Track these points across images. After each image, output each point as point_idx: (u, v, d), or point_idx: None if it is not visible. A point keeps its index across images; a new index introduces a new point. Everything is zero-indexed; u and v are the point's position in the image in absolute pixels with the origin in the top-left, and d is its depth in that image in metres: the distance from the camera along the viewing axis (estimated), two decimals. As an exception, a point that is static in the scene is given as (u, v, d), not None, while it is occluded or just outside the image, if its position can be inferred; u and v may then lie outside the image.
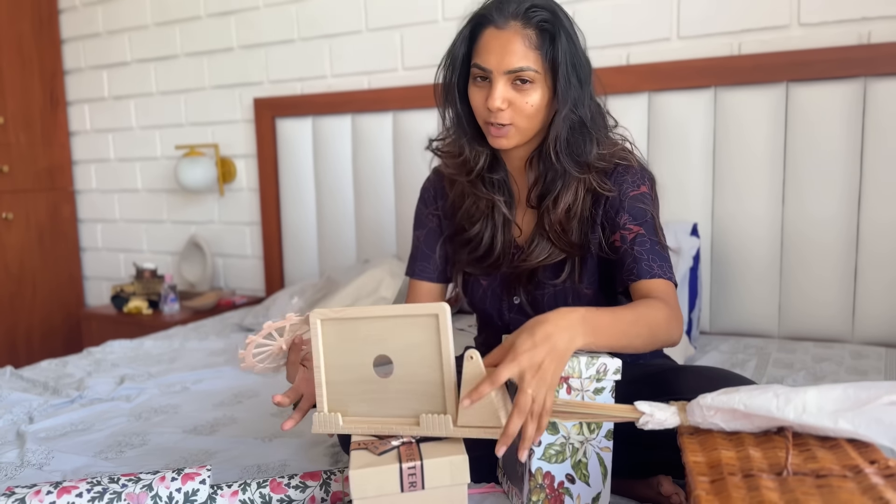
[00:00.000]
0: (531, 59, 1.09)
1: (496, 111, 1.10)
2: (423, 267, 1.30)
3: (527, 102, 1.10)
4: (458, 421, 0.92)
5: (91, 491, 1.00)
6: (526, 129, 1.13)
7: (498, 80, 1.09)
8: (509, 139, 1.13)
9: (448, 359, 0.92)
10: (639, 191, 1.15)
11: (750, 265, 1.92)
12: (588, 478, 0.95)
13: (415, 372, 0.94)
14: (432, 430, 0.93)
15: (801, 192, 1.85)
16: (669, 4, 1.97)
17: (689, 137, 1.94)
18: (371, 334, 0.95)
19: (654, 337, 1.01)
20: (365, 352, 0.96)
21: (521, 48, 1.08)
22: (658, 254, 1.11)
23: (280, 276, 2.66)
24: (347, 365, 0.97)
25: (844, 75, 1.77)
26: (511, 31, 1.09)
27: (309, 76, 2.54)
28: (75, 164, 3.16)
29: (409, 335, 0.93)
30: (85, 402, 1.58)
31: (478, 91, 1.13)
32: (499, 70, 1.09)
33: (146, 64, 2.88)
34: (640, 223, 1.13)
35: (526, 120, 1.11)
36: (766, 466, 0.77)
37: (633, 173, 1.16)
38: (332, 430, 0.98)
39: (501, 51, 1.09)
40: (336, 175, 2.49)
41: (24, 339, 2.93)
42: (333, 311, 0.95)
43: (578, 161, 1.13)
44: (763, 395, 0.84)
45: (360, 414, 0.98)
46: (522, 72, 1.08)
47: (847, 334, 1.86)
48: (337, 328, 0.96)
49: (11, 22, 2.86)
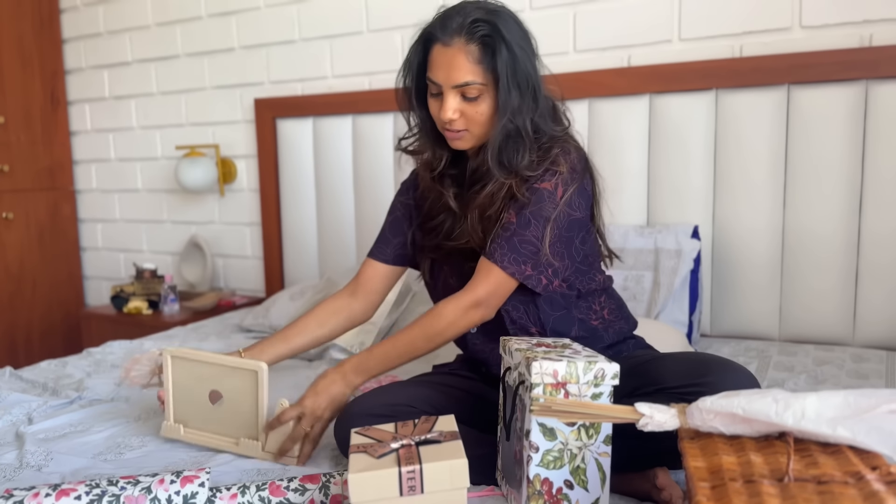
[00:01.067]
0: (476, 73, 1.16)
1: (449, 121, 1.19)
2: (380, 249, 1.42)
3: (477, 112, 1.19)
4: (265, 447, 1.23)
5: (90, 493, 1.00)
6: (480, 134, 1.22)
7: (448, 93, 1.18)
8: (465, 142, 1.23)
9: (262, 402, 1.23)
10: (540, 185, 1.20)
11: (751, 268, 1.92)
12: (587, 483, 0.95)
13: (237, 408, 1.25)
14: (246, 451, 1.24)
15: (802, 194, 1.84)
16: (671, 6, 1.97)
17: (690, 140, 1.93)
18: (208, 374, 1.26)
19: (434, 342, 1.22)
20: (202, 385, 1.27)
21: (466, 63, 1.16)
22: (513, 246, 1.19)
23: (280, 277, 2.66)
24: (190, 391, 1.28)
25: (846, 78, 1.77)
26: (455, 47, 1.16)
27: (310, 77, 2.54)
28: (76, 163, 3.16)
29: (235, 380, 1.24)
30: (84, 404, 1.57)
31: (434, 102, 1.22)
32: (447, 84, 1.17)
33: (147, 64, 2.87)
34: (517, 212, 1.20)
35: (478, 126, 1.20)
36: (767, 472, 0.77)
37: (549, 170, 1.21)
38: (175, 436, 1.29)
39: (448, 66, 1.16)
40: (336, 176, 2.49)
41: (24, 338, 2.92)
42: (181, 352, 1.27)
43: (507, 167, 1.20)
44: (762, 400, 0.84)
45: (197, 428, 1.29)
46: (468, 86, 1.16)
47: (848, 337, 1.85)
48: (183, 364, 1.28)
49: (13, 21, 2.86)
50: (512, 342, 1.08)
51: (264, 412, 1.23)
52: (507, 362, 1.09)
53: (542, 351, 1.00)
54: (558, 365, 0.93)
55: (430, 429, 0.98)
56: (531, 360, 0.94)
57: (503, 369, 1.11)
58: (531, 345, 1.05)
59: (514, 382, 1.03)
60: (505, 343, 1.11)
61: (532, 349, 1.01)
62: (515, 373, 1.02)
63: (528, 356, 0.96)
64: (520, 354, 1.00)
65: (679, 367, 1.11)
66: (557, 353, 0.99)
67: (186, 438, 1.29)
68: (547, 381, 0.93)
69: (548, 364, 0.93)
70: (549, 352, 1.00)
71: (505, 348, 1.10)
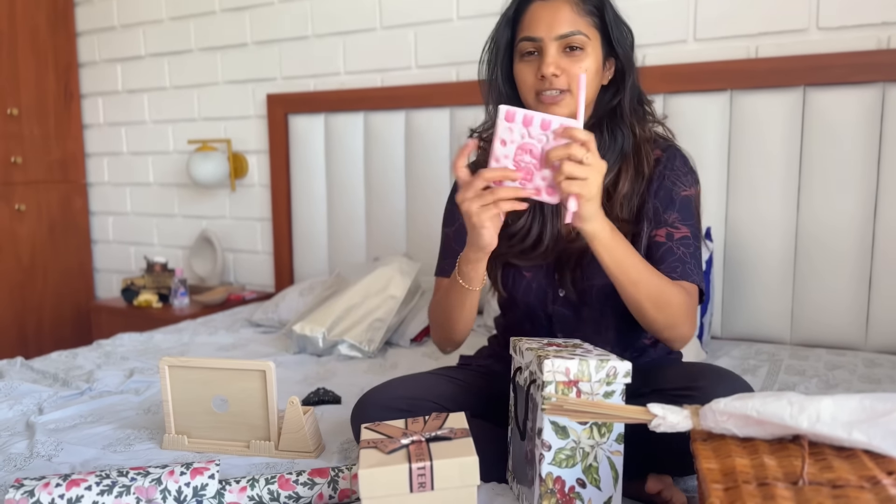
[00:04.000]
0: (581, 25, 1.09)
1: (550, 77, 1.08)
2: (452, 264, 1.23)
3: (581, 66, 1.08)
4: (279, 446, 1.23)
5: (100, 484, 1.00)
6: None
7: (549, 46, 1.09)
8: (562, 107, 1.10)
9: (273, 402, 1.21)
10: (690, 191, 1.17)
11: (763, 270, 1.91)
12: (599, 482, 0.95)
13: (245, 410, 1.24)
14: (259, 452, 1.24)
15: (816, 197, 1.83)
16: (686, 6, 1.96)
17: (703, 141, 1.92)
18: (211, 380, 1.24)
19: (659, 305, 1.05)
20: (205, 391, 1.25)
21: (571, 14, 1.09)
22: (698, 260, 1.14)
23: (290, 273, 2.67)
24: (191, 400, 1.25)
25: (863, 80, 1.75)
26: (559, 1, 1.10)
27: (322, 73, 2.54)
28: (88, 156, 3.17)
29: (241, 383, 1.22)
30: (94, 395, 1.58)
31: (526, 66, 1.12)
32: (549, 36, 1.09)
33: (160, 58, 2.88)
34: (688, 225, 1.14)
35: None
36: (781, 475, 0.76)
37: (686, 171, 1.17)
38: (180, 448, 1.27)
39: (551, 19, 1.09)
40: (347, 172, 2.49)
41: (35, 329, 2.94)
42: (179, 361, 1.24)
43: (636, 133, 1.15)
44: (777, 403, 0.83)
45: (201, 437, 1.27)
46: (574, 36, 1.08)
47: (860, 342, 1.84)
48: (182, 373, 1.25)
49: (27, 15, 2.87)
50: (523, 342, 1.08)
51: (275, 411, 1.22)
52: (518, 362, 1.08)
53: (553, 350, 1.00)
54: (570, 363, 0.93)
55: (440, 425, 0.98)
56: (543, 359, 0.93)
57: (513, 369, 1.10)
58: (542, 344, 1.05)
59: (525, 382, 1.02)
60: (515, 343, 1.10)
61: (543, 348, 1.01)
62: (527, 372, 1.02)
63: (540, 355, 0.96)
64: (531, 354, 1.00)
65: (676, 372, 1.11)
66: (569, 352, 0.98)
67: (192, 449, 1.27)
68: (559, 380, 0.93)
69: (560, 362, 0.92)
70: (560, 350, 0.99)
71: (516, 348, 1.10)
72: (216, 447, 1.26)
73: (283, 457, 1.23)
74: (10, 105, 2.83)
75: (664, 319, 1.07)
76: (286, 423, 1.22)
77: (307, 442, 1.22)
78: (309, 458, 1.22)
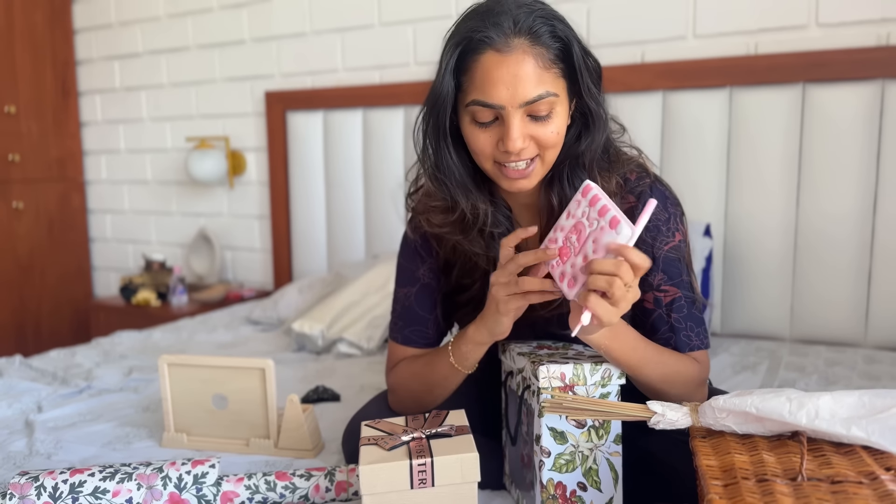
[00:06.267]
0: (548, 82, 0.90)
1: (518, 152, 0.91)
2: (417, 332, 1.12)
3: (550, 132, 0.92)
4: (278, 444, 1.23)
5: (103, 472, 1.02)
6: (550, 161, 0.95)
7: (513, 115, 0.89)
8: (531, 179, 0.95)
9: (272, 400, 1.22)
10: (674, 241, 1.00)
11: (762, 267, 1.91)
12: (600, 484, 0.95)
13: (244, 408, 1.24)
14: (258, 451, 1.24)
15: (815, 194, 1.83)
16: (685, 2, 1.95)
17: (703, 137, 1.92)
18: (210, 377, 1.24)
19: (670, 382, 0.97)
20: (204, 389, 1.25)
21: (535, 70, 0.89)
22: (695, 319, 1.02)
23: (288, 270, 2.66)
24: (190, 398, 1.26)
25: (862, 77, 1.75)
26: (518, 52, 0.88)
27: (320, 70, 2.53)
28: (86, 154, 3.16)
29: (241, 381, 1.23)
30: (93, 393, 1.58)
31: (481, 133, 0.93)
32: (513, 104, 0.89)
33: (158, 55, 2.88)
34: (676, 283, 1.00)
35: (552, 151, 0.94)
36: (780, 471, 0.76)
37: (666, 219, 1.00)
38: (179, 446, 1.27)
39: (511, 80, 0.88)
40: (346, 170, 2.49)
41: (33, 328, 2.94)
42: (178, 358, 1.25)
43: (606, 180, 0.98)
44: (776, 399, 0.83)
45: (201, 435, 1.27)
46: (542, 100, 0.89)
47: (860, 338, 1.84)
48: (181, 371, 1.25)
49: (24, 12, 2.86)
50: (513, 346, 1.05)
51: (274, 409, 1.23)
52: (509, 367, 1.06)
53: (545, 354, 0.98)
54: (565, 368, 0.92)
55: (441, 422, 0.98)
56: (537, 365, 0.92)
57: (504, 374, 1.09)
58: (532, 348, 1.03)
59: (518, 387, 1.01)
60: (505, 347, 1.07)
61: (535, 353, 0.99)
62: (519, 377, 1.01)
63: (534, 360, 0.95)
64: (523, 359, 0.98)
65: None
66: (561, 355, 0.97)
67: (191, 447, 1.28)
68: (555, 385, 0.92)
69: (555, 367, 0.92)
70: (552, 354, 0.98)
71: (506, 353, 1.07)
72: (215, 445, 1.27)
73: (282, 454, 1.23)
74: (7, 102, 2.82)
75: (676, 393, 0.98)
76: (285, 421, 1.22)
77: (306, 440, 1.22)
78: (308, 456, 1.22)
